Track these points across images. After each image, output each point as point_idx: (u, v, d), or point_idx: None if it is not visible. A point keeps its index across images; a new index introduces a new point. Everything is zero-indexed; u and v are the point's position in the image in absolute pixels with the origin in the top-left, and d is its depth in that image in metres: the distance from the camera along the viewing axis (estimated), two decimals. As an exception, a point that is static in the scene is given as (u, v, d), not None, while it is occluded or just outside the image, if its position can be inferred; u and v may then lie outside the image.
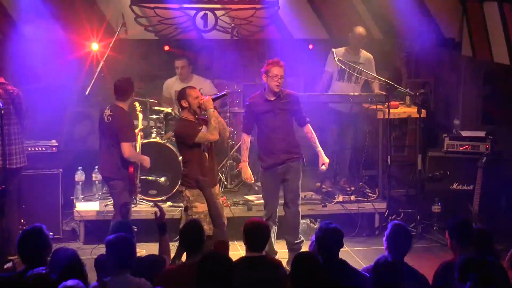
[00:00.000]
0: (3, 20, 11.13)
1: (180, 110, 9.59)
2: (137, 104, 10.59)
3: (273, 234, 9.59)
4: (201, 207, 9.02)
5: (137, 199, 10.82)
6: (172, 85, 11.80)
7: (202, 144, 9.22)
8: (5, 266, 6.96)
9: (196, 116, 9.28)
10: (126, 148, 9.57)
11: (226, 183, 11.81)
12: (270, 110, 9.70)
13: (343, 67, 11.39)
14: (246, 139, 9.89)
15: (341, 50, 11.64)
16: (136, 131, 10.09)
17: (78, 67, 12.27)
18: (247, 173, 9.80)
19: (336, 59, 11.33)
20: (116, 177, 9.80)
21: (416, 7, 12.00)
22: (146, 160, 9.90)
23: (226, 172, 11.86)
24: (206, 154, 9.31)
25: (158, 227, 7.58)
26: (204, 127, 9.20)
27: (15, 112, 9.64)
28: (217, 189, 9.56)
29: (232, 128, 12.26)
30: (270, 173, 9.71)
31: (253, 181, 10.10)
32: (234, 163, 11.89)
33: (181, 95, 9.31)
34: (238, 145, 12.08)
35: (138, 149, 10.22)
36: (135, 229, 8.24)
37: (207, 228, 8.22)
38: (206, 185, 8.19)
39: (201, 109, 9.16)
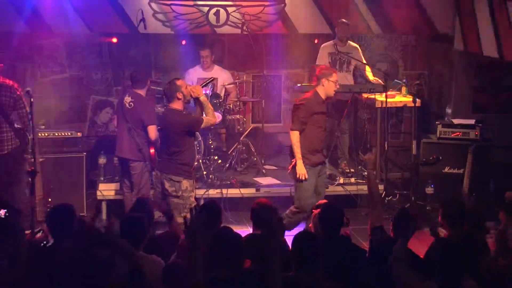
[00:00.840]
0: (34, 18, 11.13)
1: (169, 102, 9.30)
2: None
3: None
4: (193, 196, 9.18)
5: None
6: (194, 73, 11.93)
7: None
8: (37, 236, 7.00)
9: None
10: (152, 130, 9.72)
11: (236, 166, 11.82)
12: (325, 111, 9.60)
13: (340, 57, 11.53)
14: (298, 137, 9.34)
15: (330, 43, 11.75)
16: None
17: (100, 59, 12.32)
18: (304, 170, 9.26)
19: (336, 52, 11.46)
20: (137, 158, 9.88)
21: (412, 4, 11.99)
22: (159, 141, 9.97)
23: (236, 156, 11.87)
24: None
25: (166, 216, 7.89)
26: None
27: None
28: None
29: (242, 115, 12.27)
30: (313, 171, 9.45)
31: (306, 178, 9.38)
32: (244, 148, 11.93)
33: (175, 88, 9.06)
34: (247, 132, 12.14)
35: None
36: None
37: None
38: None
39: (192, 97, 9.09)
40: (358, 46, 11.80)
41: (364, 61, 11.70)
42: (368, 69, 11.70)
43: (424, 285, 5.72)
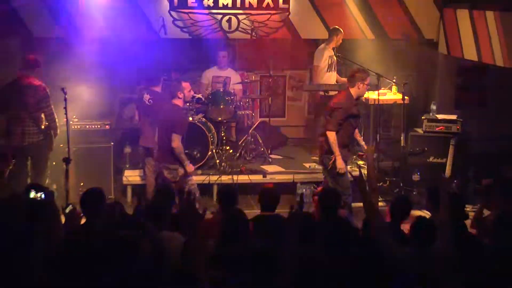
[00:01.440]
0: (68, 24, 11.22)
1: (172, 98, 9.54)
2: None
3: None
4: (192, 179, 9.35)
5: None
6: (210, 72, 12.13)
7: None
8: (67, 210, 7.00)
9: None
10: None
11: (245, 155, 11.89)
12: (358, 113, 9.57)
13: (336, 59, 11.76)
14: (335, 137, 9.20)
15: (322, 47, 11.82)
16: None
17: (126, 61, 12.36)
18: (343, 165, 9.24)
19: (335, 54, 11.63)
20: None
21: (402, 13, 12.02)
22: None
23: (245, 147, 11.93)
24: None
25: (178, 192, 7.86)
26: None
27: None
28: None
29: (250, 111, 12.38)
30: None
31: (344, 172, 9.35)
32: (252, 139, 11.98)
33: (177, 87, 9.33)
34: (255, 125, 12.19)
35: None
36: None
37: None
38: None
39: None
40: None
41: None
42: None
43: (402, 250, 5.82)
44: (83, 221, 6.73)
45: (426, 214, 7.51)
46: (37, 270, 5.45)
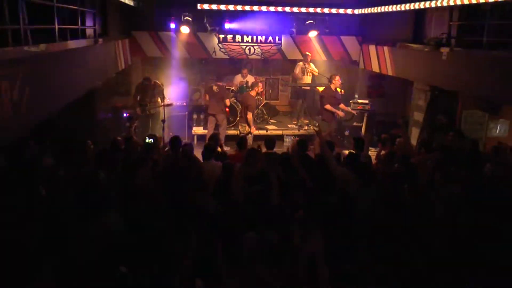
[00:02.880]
0: (164, 49, 11.00)
1: (248, 89, 10.02)
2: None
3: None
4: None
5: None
6: (238, 79, 11.85)
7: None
8: (165, 149, 6.93)
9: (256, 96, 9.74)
10: (227, 101, 10.13)
11: (257, 120, 11.70)
12: (337, 97, 9.83)
13: (306, 70, 11.42)
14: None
15: (301, 63, 11.63)
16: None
17: (193, 70, 12.17)
18: (325, 127, 9.55)
19: (308, 65, 11.39)
20: (220, 113, 10.01)
21: (340, 45, 11.76)
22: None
23: (256, 115, 11.72)
24: None
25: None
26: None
27: None
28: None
29: (260, 97, 12.10)
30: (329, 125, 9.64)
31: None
32: (260, 111, 11.78)
33: (255, 84, 9.76)
34: (262, 104, 12.02)
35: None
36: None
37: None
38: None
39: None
40: (313, 65, 11.67)
41: (316, 70, 11.60)
42: (315, 73, 11.59)
43: (340, 167, 5.74)
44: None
45: (352, 151, 7.39)
46: (148, 180, 5.40)
